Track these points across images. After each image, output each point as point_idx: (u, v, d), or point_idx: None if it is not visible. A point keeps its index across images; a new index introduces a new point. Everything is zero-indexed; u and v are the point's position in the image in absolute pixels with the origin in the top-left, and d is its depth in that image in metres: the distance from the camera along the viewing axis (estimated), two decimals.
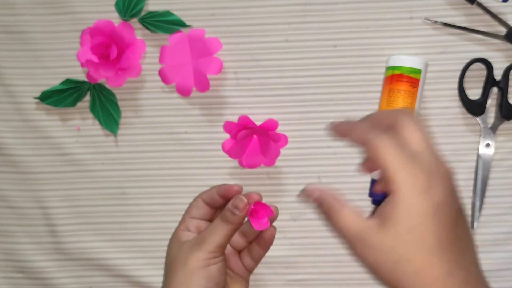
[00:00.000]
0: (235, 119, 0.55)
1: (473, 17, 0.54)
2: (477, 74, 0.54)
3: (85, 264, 0.58)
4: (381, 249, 0.37)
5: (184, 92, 0.56)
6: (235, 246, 0.53)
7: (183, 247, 0.49)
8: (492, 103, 0.54)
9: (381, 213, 0.38)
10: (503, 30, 0.53)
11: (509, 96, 0.54)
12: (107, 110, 0.56)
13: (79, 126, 0.57)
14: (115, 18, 0.56)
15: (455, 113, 0.55)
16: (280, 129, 0.55)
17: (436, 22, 0.54)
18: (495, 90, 0.54)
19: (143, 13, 0.56)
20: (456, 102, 0.55)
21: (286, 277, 0.56)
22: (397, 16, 0.54)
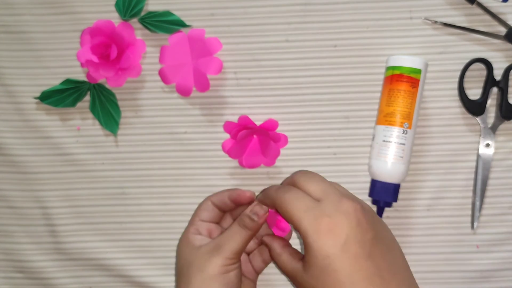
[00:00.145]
0: (235, 119, 0.55)
1: (473, 17, 0.54)
2: (477, 74, 0.54)
3: (85, 264, 0.58)
4: (307, 287, 0.42)
5: (184, 92, 0.56)
6: (246, 249, 0.52)
7: (199, 252, 0.47)
8: (492, 103, 0.54)
9: (304, 257, 0.43)
10: (503, 30, 0.53)
11: (509, 96, 0.54)
12: (107, 110, 0.56)
13: (79, 126, 0.57)
14: (115, 18, 0.56)
15: (455, 113, 0.55)
16: (280, 129, 0.55)
17: (436, 22, 0.54)
18: (495, 90, 0.54)
19: (143, 13, 0.56)
20: (456, 102, 0.55)
21: (286, 277, 0.56)
22: (397, 16, 0.54)
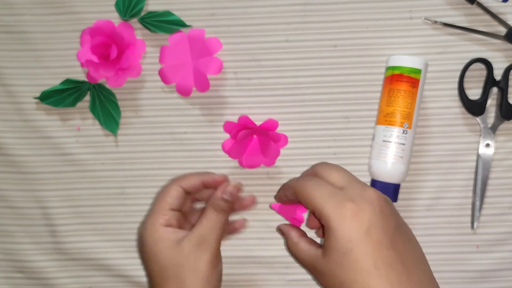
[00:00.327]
0: (235, 119, 0.55)
1: (473, 17, 0.54)
2: (477, 74, 0.54)
3: (85, 264, 0.58)
4: (326, 274, 0.41)
5: (184, 92, 0.56)
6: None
7: (184, 249, 0.44)
8: (492, 103, 0.54)
9: (324, 243, 0.42)
10: (503, 30, 0.53)
11: (509, 96, 0.54)
12: (107, 110, 0.56)
13: (79, 126, 0.57)
14: (115, 18, 0.56)
15: (455, 113, 0.55)
16: (280, 129, 0.55)
17: (436, 22, 0.54)
18: (495, 90, 0.54)
19: (143, 13, 0.56)
20: (456, 102, 0.55)
21: (286, 277, 0.56)
22: (397, 16, 0.54)
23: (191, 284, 0.44)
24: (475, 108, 0.54)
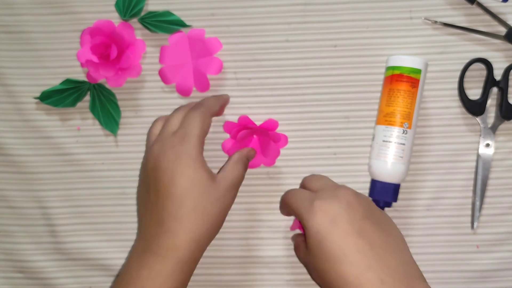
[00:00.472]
0: (235, 119, 0.55)
1: (473, 17, 0.54)
2: (477, 74, 0.54)
3: (85, 264, 0.58)
4: (312, 268, 0.46)
5: (184, 92, 0.56)
6: None
7: (220, 189, 0.48)
8: (492, 103, 0.54)
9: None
10: (503, 30, 0.53)
11: (509, 96, 0.54)
12: (107, 110, 0.56)
13: (79, 126, 0.57)
14: (115, 18, 0.56)
15: (455, 113, 0.55)
16: (280, 129, 0.55)
17: (436, 22, 0.54)
18: (495, 90, 0.54)
19: (143, 13, 0.56)
20: (456, 102, 0.55)
21: (286, 277, 0.56)
22: (397, 16, 0.54)
23: (218, 221, 0.48)
24: (475, 108, 0.54)
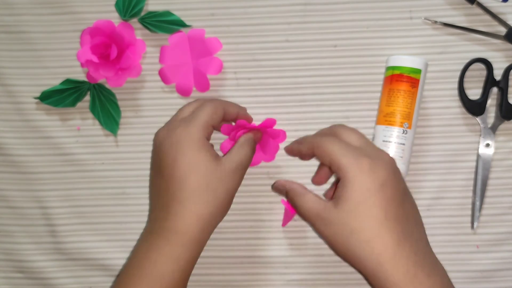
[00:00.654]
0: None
1: (473, 17, 0.54)
2: (477, 74, 0.54)
3: (85, 264, 0.58)
4: (336, 223, 0.44)
5: (184, 92, 0.56)
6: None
7: (224, 169, 0.47)
8: (492, 103, 0.54)
9: (335, 195, 0.45)
10: (503, 30, 0.53)
11: (509, 96, 0.54)
12: (107, 110, 0.56)
13: (79, 126, 0.57)
14: (115, 18, 0.56)
15: (455, 113, 0.55)
16: (280, 129, 0.55)
17: (436, 22, 0.54)
18: (495, 90, 0.54)
19: (143, 13, 0.56)
20: (456, 102, 0.55)
21: (286, 277, 0.56)
22: (397, 16, 0.54)
23: (222, 201, 0.47)
24: (475, 108, 0.54)
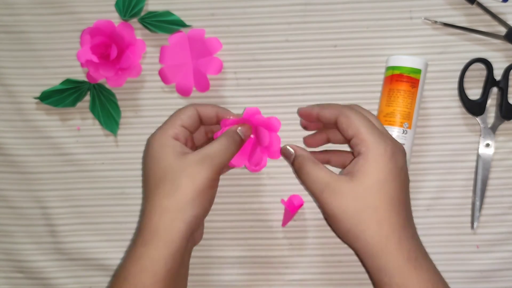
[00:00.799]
0: None
1: (473, 17, 0.54)
2: (477, 74, 0.54)
3: (85, 264, 0.58)
4: (349, 196, 0.43)
5: (184, 92, 0.56)
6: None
7: (187, 160, 0.45)
8: (492, 103, 0.54)
9: (351, 169, 0.45)
10: (503, 30, 0.53)
11: (509, 96, 0.54)
12: (107, 110, 0.56)
13: (79, 126, 0.57)
14: (115, 18, 0.56)
15: (455, 113, 0.55)
16: (281, 129, 0.54)
17: (436, 22, 0.54)
18: (495, 90, 0.54)
19: (143, 13, 0.56)
20: (456, 102, 0.55)
21: (286, 277, 0.56)
22: (397, 16, 0.54)
23: (185, 190, 0.44)
24: (475, 108, 0.54)
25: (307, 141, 0.54)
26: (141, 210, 0.53)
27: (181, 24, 0.55)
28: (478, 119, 0.54)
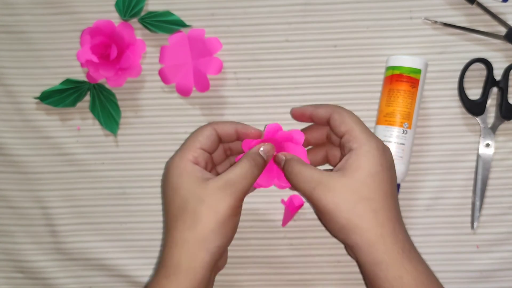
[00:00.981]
0: (235, 119, 0.55)
1: (473, 17, 0.54)
2: (477, 74, 0.54)
3: (85, 264, 0.58)
4: (342, 191, 0.43)
5: (184, 92, 0.56)
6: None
7: (209, 188, 0.43)
8: (492, 103, 0.54)
9: (342, 165, 0.45)
10: (503, 30, 0.53)
11: (509, 96, 0.54)
12: (107, 110, 0.56)
13: (79, 126, 0.57)
14: (115, 18, 0.56)
15: (455, 113, 0.55)
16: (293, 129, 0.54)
17: (436, 22, 0.54)
18: (495, 90, 0.54)
19: (143, 13, 0.56)
20: (456, 102, 0.55)
21: (286, 277, 0.56)
22: (397, 16, 0.54)
23: (207, 221, 0.43)
24: (475, 108, 0.54)
25: (295, 115, 0.52)
26: (163, 239, 0.55)
27: (181, 24, 0.55)
28: (478, 119, 0.54)
